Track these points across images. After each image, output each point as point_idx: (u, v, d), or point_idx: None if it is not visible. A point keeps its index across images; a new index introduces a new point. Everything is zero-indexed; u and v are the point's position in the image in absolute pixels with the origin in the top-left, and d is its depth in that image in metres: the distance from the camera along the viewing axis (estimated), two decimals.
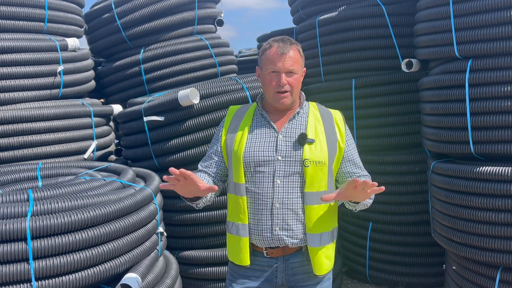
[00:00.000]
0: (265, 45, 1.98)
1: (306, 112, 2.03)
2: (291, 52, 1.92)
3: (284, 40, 1.95)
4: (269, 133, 1.97)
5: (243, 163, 1.93)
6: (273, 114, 2.01)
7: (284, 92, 1.92)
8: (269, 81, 1.93)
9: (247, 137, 1.97)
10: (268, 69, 1.93)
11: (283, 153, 1.92)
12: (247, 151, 1.93)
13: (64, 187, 2.52)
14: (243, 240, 1.94)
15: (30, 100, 3.58)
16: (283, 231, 1.91)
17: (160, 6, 4.32)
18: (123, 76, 4.58)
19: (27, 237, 2.11)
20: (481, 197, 2.66)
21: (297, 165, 1.90)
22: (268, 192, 1.91)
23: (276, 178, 1.91)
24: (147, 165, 3.52)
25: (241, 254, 1.95)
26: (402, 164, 3.72)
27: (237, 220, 1.95)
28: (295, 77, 1.94)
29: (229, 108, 2.12)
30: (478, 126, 2.71)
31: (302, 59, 1.99)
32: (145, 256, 2.64)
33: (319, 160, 1.90)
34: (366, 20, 3.73)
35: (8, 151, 3.41)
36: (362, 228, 4.01)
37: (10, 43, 3.45)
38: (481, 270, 2.79)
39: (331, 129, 1.99)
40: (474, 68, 2.71)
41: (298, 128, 1.97)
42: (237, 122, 2.03)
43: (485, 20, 2.61)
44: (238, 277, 2.02)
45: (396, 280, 3.84)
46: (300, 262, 1.97)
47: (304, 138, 1.91)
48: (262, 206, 1.92)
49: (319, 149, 1.91)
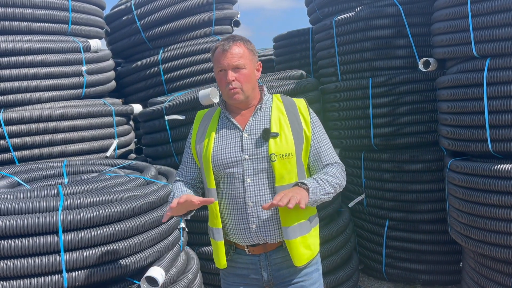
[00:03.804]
0: (213, 47, 1.98)
1: (269, 106, 1.99)
2: (234, 48, 1.89)
3: (228, 38, 1.94)
4: (234, 133, 1.95)
5: (212, 167, 1.93)
6: (235, 114, 1.99)
7: (233, 88, 1.89)
8: (219, 80, 1.93)
9: (214, 140, 1.96)
10: (217, 68, 1.93)
11: (250, 151, 1.90)
12: (214, 154, 1.93)
13: (91, 183, 2.61)
14: (218, 244, 1.96)
15: (55, 100, 3.70)
16: (260, 228, 1.91)
17: (179, 7, 4.41)
18: (142, 76, 4.68)
19: (59, 230, 2.20)
20: (499, 194, 2.68)
21: (265, 161, 1.89)
22: (240, 192, 1.91)
23: (246, 177, 1.90)
24: (168, 163, 3.61)
25: (219, 257, 1.98)
26: (419, 163, 3.75)
27: (212, 224, 1.97)
28: (243, 72, 1.90)
29: (197, 114, 2.11)
30: (496, 124, 2.74)
31: (250, 53, 1.95)
32: (168, 250, 2.72)
33: (285, 152, 1.88)
34: (383, 20, 3.77)
35: (34, 149, 3.53)
36: (379, 226, 4.04)
37: (36, 45, 3.57)
38: (498, 267, 2.81)
39: (296, 119, 1.95)
40: (492, 67, 2.74)
41: (262, 124, 1.94)
42: (204, 127, 2.02)
43: (503, 20, 2.63)
44: (228, 275, 2.06)
45: (412, 277, 3.86)
46: (282, 258, 1.97)
47: (268, 133, 1.89)
48: (236, 206, 1.92)
49: (284, 141, 1.89)
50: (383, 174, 3.92)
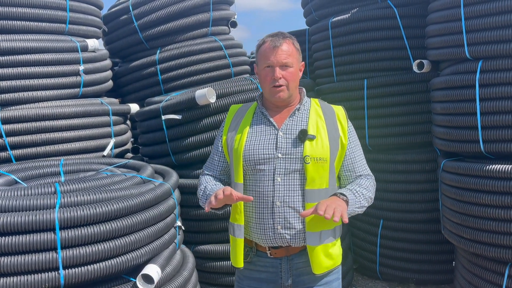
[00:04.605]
0: (259, 41, 1.94)
1: (307, 109, 1.98)
2: (284, 46, 1.87)
3: (277, 34, 1.91)
4: (269, 131, 1.93)
5: (243, 162, 1.89)
6: (273, 111, 1.97)
7: (279, 86, 1.87)
8: (264, 77, 1.90)
9: (247, 135, 1.93)
10: (263, 64, 1.89)
11: (283, 150, 1.87)
12: (247, 149, 1.90)
13: (88, 181, 2.63)
14: (237, 241, 1.92)
15: (52, 99, 3.71)
16: (285, 229, 1.87)
17: (176, 8, 4.44)
18: (139, 76, 4.70)
19: (56, 228, 2.22)
20: (491, 194, 2.73)
21: (298, 162, 1.85)
22: (269, 190, 1.87)
23: (277, 176, 1.86)
24: (164, 162, 3.64)
25: (236, 256, 1.93)
26: (413, 163, 3.79)
27: (234, 220, 1.93)
28: (290, 70, 1.88)
29: (230, 108, 2.09)
30: (488, 125, 2.78)
31: (297, 53, 1.94)
32: (164, 248, 2.74)
33: (320, 156, 1.85)
34: (378, 22, 3.81)
35: (31, 148, 3.54)
36: (373, 226, 4.08)
37: (33, 44, 3.58)
38: (490, 266, 2.86)
39: (333, 125, 1.93)
40: (484, 69, 2.78)
41: (299, 125, 1.91)
42: (237, 121, 2.00)
43: (495, 22, 2.68)
44: (244, 279, 2.00)
45: (406, 276, 3.90)
46: (304, 263, 1.92)
47: (305, 134, 1.86)
48: (263, 205, 1.88)
49: (320, 145, 1.86)
50: (378, 174, 3.91)
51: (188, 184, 3.47)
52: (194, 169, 3.61)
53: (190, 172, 3.61)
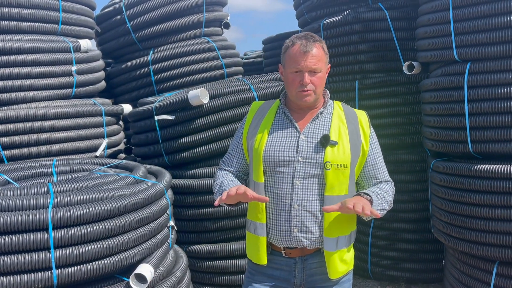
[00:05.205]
0: (287, 42, 1.90)
1: (330, 112, 1.95)
2: (314, 50, 1.83)
3: (307, 37, 1.86)
4: (291, 133, 1.91)
5: (263, 162, 1.88)
6: (296, 113, 1.94)
7: (308, 90, 1.85)
8: (292, 80, 1.87)
9: (268, 135, 1.92)
10: (291, 68, 1.86)
11: (304, 154, 1.86)
12: (267, 150, 1.89)
13: (81, 181, 2.64)
14: (260, 239, 1.91)
15: (44, 99, 3.71)
16: (301, 233, 1.87)
17: (169, 9, 4.46)
18: (132, 77, 4.71)
19: (49, 227, 2.23)
20: (479, 193, 2.77)
21: (318, 168, 1.84)
22: (287, 193, 1.86)
23: (296, 179, 1.85)
24: (157, 163, 3.65)
25: (259, 253, 1.93)
26: (404, 163, 3.83)
27: (255, 219, 1.92)
28: (319, 75, 1.86)
29: (252, 104, 2.07)
30: (476, 126, 2.83)
31: (326, 56, 1.90)
32: (157, 248, 2.76)
33: (341, 163, 1.83)
34: (369, 24, 3.85)
35: (23, 148, 3.54)
36: (364, 225, 4.12)
37: (26, 44, 3.58)
38: (479, 264, 2.90)
39: (355, 131, 1.91)
40: (472, 70, 2.83)
41: (321, 129, 1.90)
42: (259, 119, 1.98)
43: (483, 25, 2.73)
44: (256, 274, 2.01)
45: (397, 275, 3.94)
46: (318, 263, 1.93)
47: (327, 140, 1.84)
48: (280, 207, 1.88)
49: (341, 152, 1.84)
50: None
51: (181, 184, 3.49)
52: (187, 170, 3.63)
53: (183, 173, 3.63)
